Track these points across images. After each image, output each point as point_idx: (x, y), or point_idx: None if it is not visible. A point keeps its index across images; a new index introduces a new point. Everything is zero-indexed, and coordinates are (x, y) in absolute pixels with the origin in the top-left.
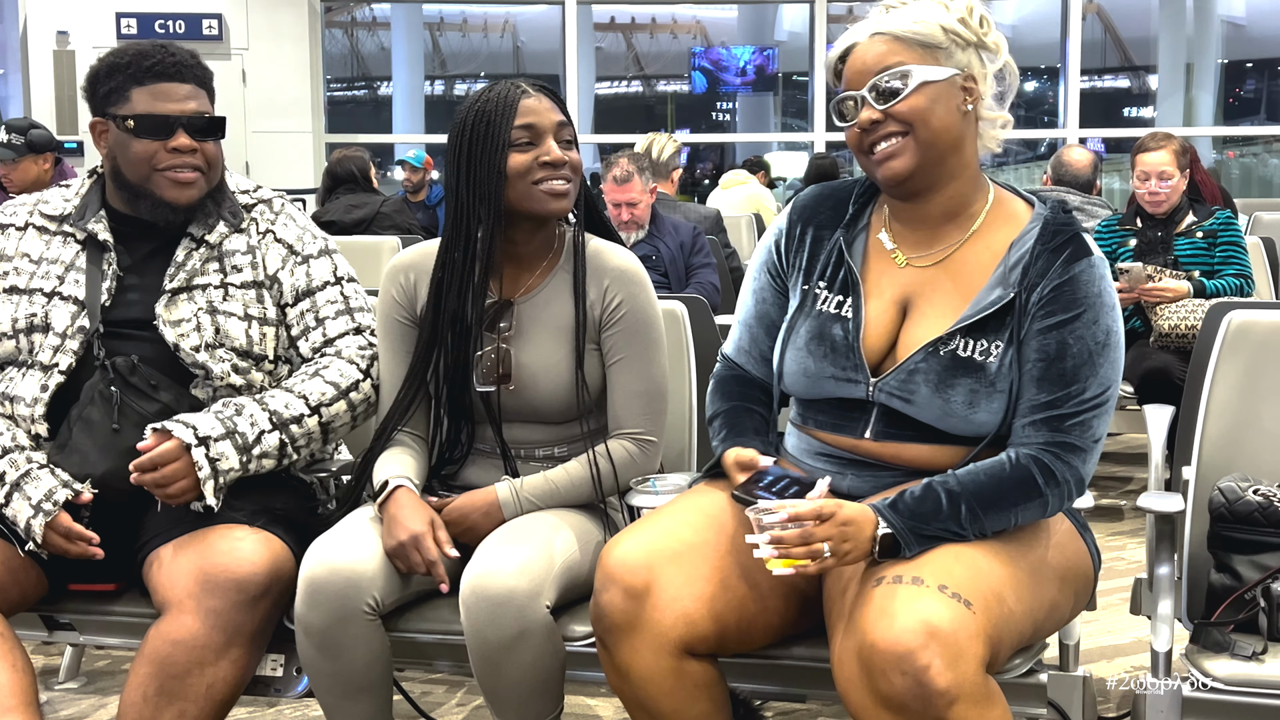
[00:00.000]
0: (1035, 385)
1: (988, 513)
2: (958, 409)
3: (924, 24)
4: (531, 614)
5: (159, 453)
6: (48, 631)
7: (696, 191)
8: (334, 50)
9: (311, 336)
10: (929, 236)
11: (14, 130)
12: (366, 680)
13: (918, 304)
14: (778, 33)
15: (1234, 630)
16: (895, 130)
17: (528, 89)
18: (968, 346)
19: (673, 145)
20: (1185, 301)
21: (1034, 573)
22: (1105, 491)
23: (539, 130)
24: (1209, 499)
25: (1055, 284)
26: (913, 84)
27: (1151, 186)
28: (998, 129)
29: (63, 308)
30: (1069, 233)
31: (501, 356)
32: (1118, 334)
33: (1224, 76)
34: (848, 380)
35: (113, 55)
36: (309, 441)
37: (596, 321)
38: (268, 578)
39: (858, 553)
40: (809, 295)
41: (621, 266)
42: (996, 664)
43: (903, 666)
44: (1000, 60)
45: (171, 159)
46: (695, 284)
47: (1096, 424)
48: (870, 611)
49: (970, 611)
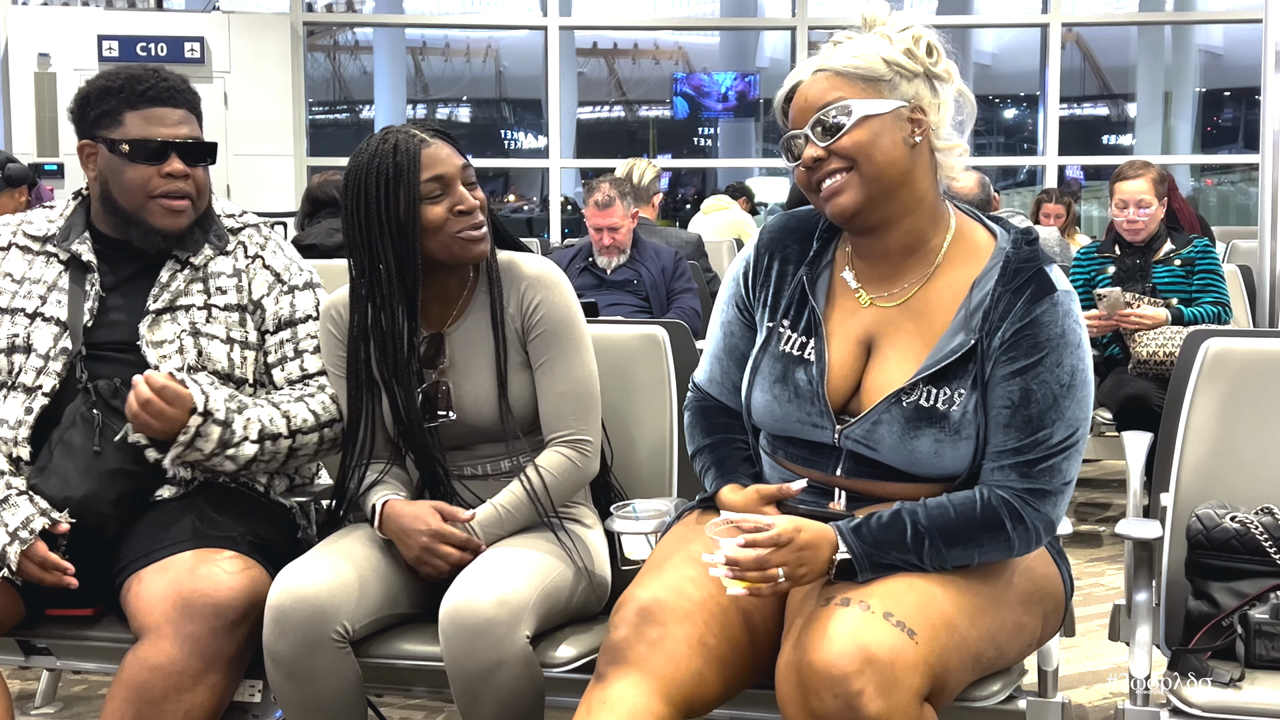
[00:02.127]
0: (1002, 431)
1: (951, 549)
2: (924, 458)
3: (865, 57)
4: (510, 644)
5: (174, 391)
6: (24, 656)
7: (678, 216)
8: (316, 74)
9: (288, 367)
10: (890, 273)
11: None
12: (338, 708)
13: (881, 346)
14: (759, 59)
15: (1211, 657)
16: (839, 166)
17: (425, 137)
18: (931, 396)
19: (653, 170)
20: (1163, 329)
21: (993, 597)
22: (1084, 518)
23: (447, 179)
24: (1187, 526)
25: (1017, 327)
26: (854, 118)
27: (1130, 214)
28: (955, 157)
29: (45, 329)
30: (1030, 270)
31: (442, 391)
32: (1084, 372)
33: (1202, 105)
34: (814, 425)
35: (104, 78)
36: (272, 460)
37: (520, 331)
38: (246, 603)
39: (813, 575)
40: (773, 333)
41: (535, 273)
42: (946, 692)
43: (835, 689)
44: (952, 88)
45: (165, 184)
46: (676, 308)
47: (1066, 467)
48: (814, 631)
49: (912, 641)
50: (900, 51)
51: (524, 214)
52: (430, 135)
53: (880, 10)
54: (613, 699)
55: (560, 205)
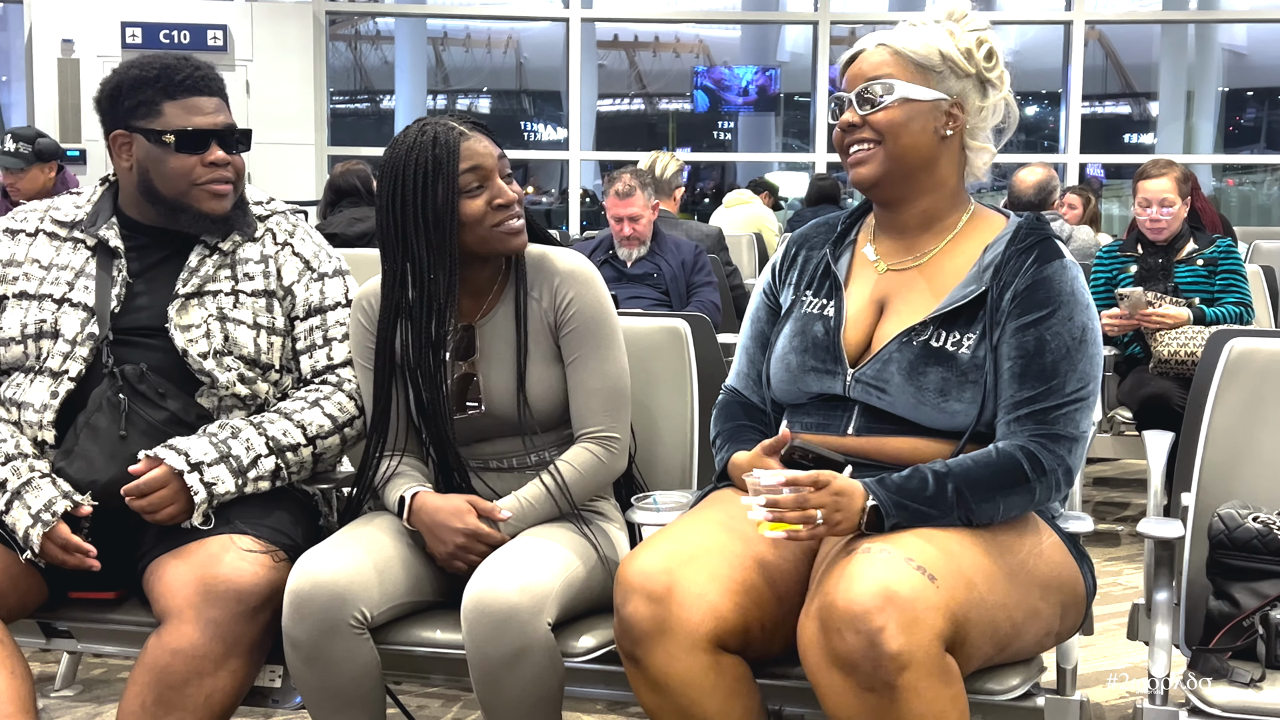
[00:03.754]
0: (1016, 382)
1: (974, 495)
2: (930, 398)
3: (924, 45)
4: (533, 631)
5: (148, 480)
6: (45, 639)
7: (697, 210)
8: (337, 63)
9: (316, 355)
10: (908, 244)
11: (21, 139)
12: (356, 694)
13: (893, 302)
14: (780, 53)
15: (1232, 657)
16: (868, 137)
17: (463, 130)
18: (940, 337)
19: (675, 163)
20: (1185, 328)
21: (1009, 571)
22: (1103, 517)
23: (485, 171)
24: (1208, 525)
25: (1029, 283)
26: (893, 97)
27: (1153, 213)
28: (983, 160)
29: (72, 314)
30: (1040, 235)
31: (473, 383)
32: (1094, 332)
33: (1224, 104)
34: (827, 372)
35: (137, 68)
36: (301, 469)
37: (553, 326)
38: (268, 589)
39: (847, 524)
40: (795, 303)
41: (569, 268)
42: (966, 650)
43: (857, 626)
44: (999, 95)
45: (209, 172)
46: (696, 302)
47: (1079, 418)
48: (835, 575)
49: (933, 585)
50: (960, 49)
51: (543, 206)
52: (468, 127)
53: (962, 6)
54: (654, 676)
55: (579, 197)
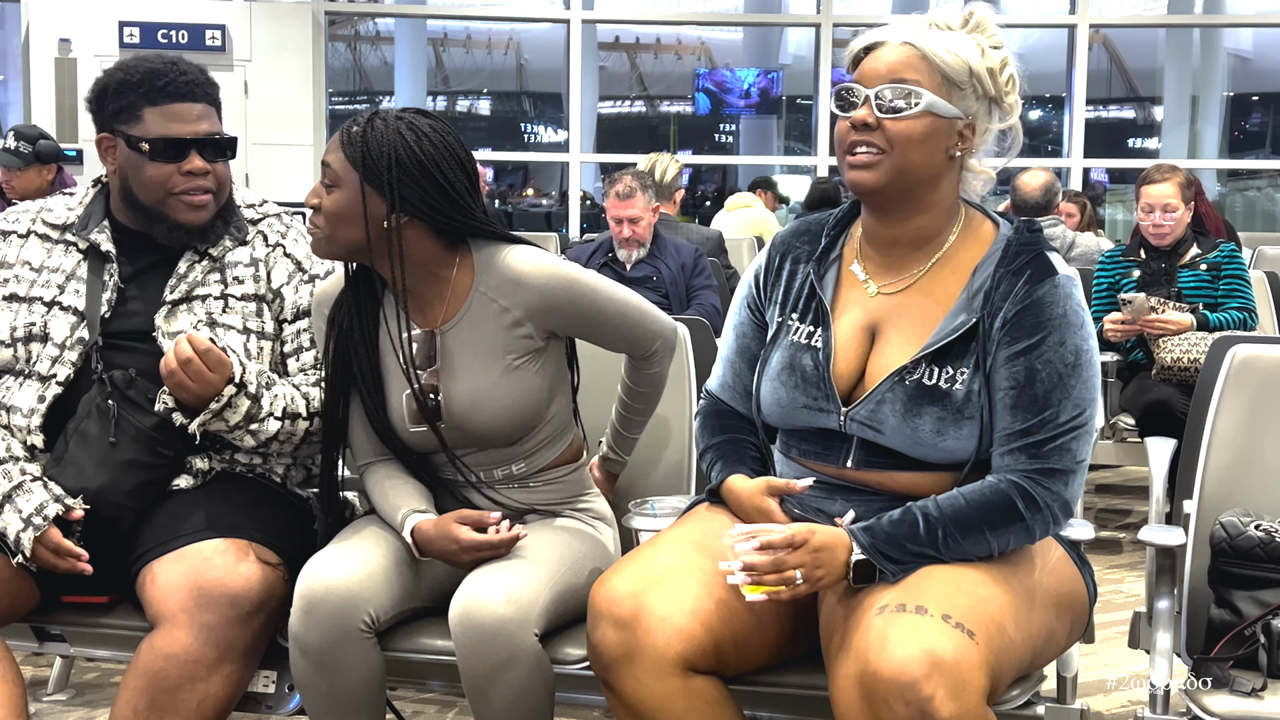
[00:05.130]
0: (1009, 413)
1: (966, 537)
2: (926, 437)
3: (957, 58)
4: (520, 643)
5: (217, 357)
6: (38, 643)
7: (698, 213)
8: (337, 64)
9: (303, 357)
10: (898, 262)
11: (23, 138)
12: (361, 699)
13: (884, 331)
14: (782, 56)
15: (1233, 666)
16: (878, 144)
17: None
18: (933, 374)
19: (676, 166)
20: (1188, 334)
21: (1030, 600)
22: (1104, 524)
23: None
24: (1210, 533)
25: (1018, 308)
26: (918, 108)
27: (1156, 218)
28: (980, 184)
29: (62, 318)
30: (1031, 253)
31: (430, 396)
32: (1089, 353)
33: (1229, 109)
34: (820, 410)
35: (123, 71)
36: (287, 441)
37: (537, 330)
38: (262, 593)
39: (831, 577)
40: (783, 326)
41: (522, 270)
42: (996, 694)
43: (906, 696)
44: (1009, 122)
45: (186, 181)
46: (696, 305)
47: (1076, 446)
48: (872, 639)
49: (973, 642)
50: (985, 69)
51: (542, 208)
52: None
53: (983, 14)
54: (627, 700)
55: (579, 200)
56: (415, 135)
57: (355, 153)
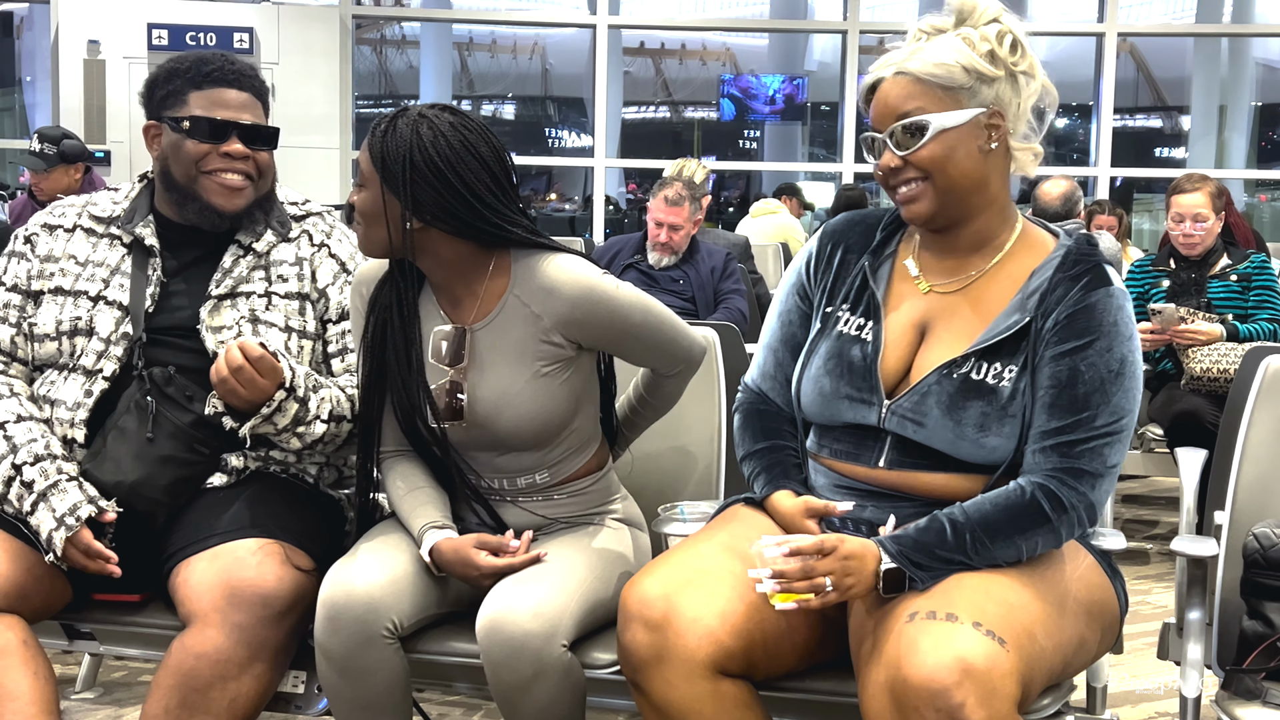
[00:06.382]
0: (1046, 412)
1: (994, 542)
2: (969, 433)
3: (944, 65)
4: (548, 655)
5: (269, 363)
6: (68, 640)
7: (722, 219)
8: (363, 67)
9: (348, 359)
10: (955, 265)
11: (46, 139)
12: (387, 703)
13: (935, 328)
14: (808, 62)
15: (1265, 678)
16: (914, 176)
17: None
18: (981, 370)
19: (703, 171)
20: (1218, 345)
21: (1060, 607)
22: (1130, 535)
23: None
24: (1243, 544)
25: (1071, 310)
26: (930, 133)
27: (1186, 228)
28: (1029, 159)
29: (107, 313)
30: (1090, 262)
31: (455, 393)
32: (1134, 364)
33: (1258, 119)
34: (862, 401)
35: (173, 61)
36: (331, 443)
37: (567, 339)
38: (294, 594)
39: (861, 586)
40: (831, 318)
41: (555, 279)
42: (1027, 702)
43: (936, 703)
44: (1037, 83)
45: (221, 163)
46: (724, 309)
47: (1108, 452)
48: (903, 646)
49: (1004, 649)
50: (982, 55)
51: (566, 213)
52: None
53: (970, 4)
54: (656, 702)
55: (603, 204)
56: (433, 135)
57: (377, 153)
